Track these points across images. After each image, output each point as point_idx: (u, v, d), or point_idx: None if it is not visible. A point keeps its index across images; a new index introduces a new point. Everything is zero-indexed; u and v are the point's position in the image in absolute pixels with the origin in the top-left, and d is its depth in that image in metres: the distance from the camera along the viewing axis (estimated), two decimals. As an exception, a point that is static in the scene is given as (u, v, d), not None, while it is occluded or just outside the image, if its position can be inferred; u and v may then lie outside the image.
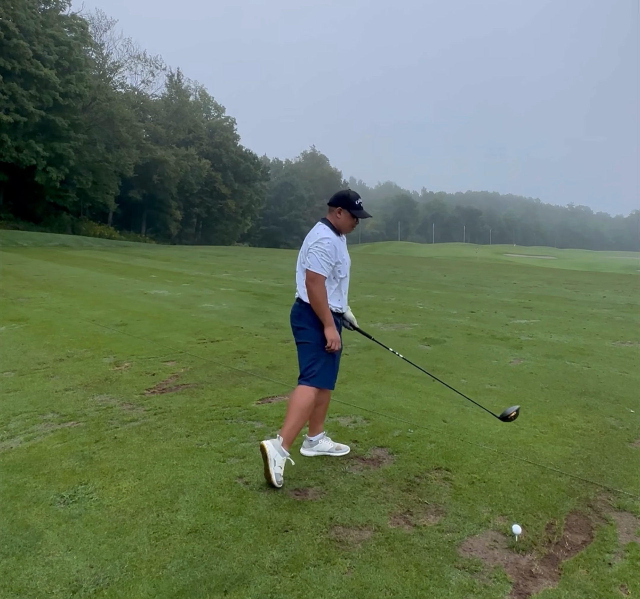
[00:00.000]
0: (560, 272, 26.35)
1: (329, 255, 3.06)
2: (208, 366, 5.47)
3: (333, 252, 3.08)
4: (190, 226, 59.47)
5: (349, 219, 3.14)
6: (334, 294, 3.20)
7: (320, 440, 3.38)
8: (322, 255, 3.05)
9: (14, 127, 30.87)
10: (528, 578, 2.26)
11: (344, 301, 3.29)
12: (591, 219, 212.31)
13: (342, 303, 3.27)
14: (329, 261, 3.06)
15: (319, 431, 3.40)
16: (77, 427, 3.77)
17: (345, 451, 3.39)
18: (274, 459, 2.88)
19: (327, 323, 3.09)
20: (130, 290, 11.33)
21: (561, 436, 3.82)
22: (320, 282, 3.06)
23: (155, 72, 49.41)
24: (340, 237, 3.20)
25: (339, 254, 3.13)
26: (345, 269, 3.23)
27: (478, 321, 8.73)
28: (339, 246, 3.14)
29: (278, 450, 2.91)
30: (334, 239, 3.11)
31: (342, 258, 3.16)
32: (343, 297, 3.28)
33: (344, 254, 3.21)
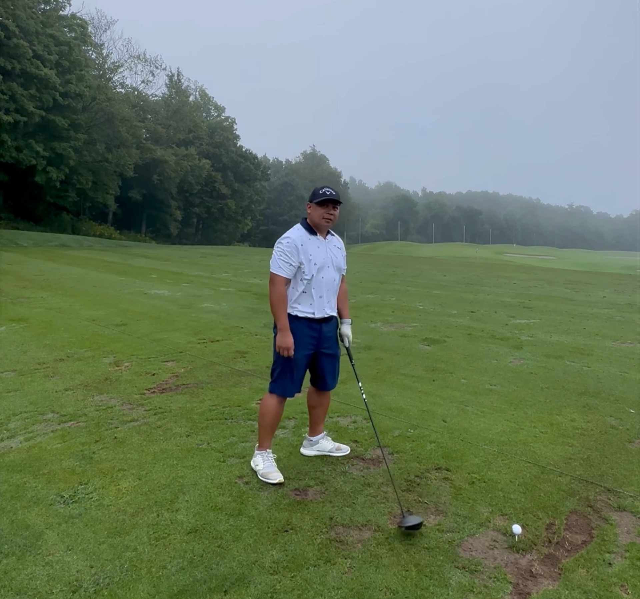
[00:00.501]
0: (560, 272, 26.35)
1: (289, 254, 2.93)
2: (208, 366, 5.47)
3: (294, 252, 2.94)
4: (190, 226, 59.47)
5: (316, 210, 2.98)
6: (302, 297, 3.02)
7: (320, 440, 3.38)
8: (280, 254, 2.95)
9: (14, 127, 30.86)
10: (528, 578, 2.26)
11: (320, 306, 3.04)
12: (591, 219, 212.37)
13: (318, 308, 3.04)
14: (288, 260, 2.94)
15: (319, 431, 3.39)
16: (77, 427, 3.77)
17: (345, 452, 3.38)
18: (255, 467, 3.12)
19: (279, 327, 2.97)
20: (130, 290, 11.33)
21: (561, 436, 3.82)
22: (277, 283, 2.96)
23: (155, 72, 49.39)
24: (316, 236, 3.04)
25: (302, 254, 2.96)
26: (312, 270, 2.99)
27: (478, 321, 8.73)
28: (305, 244, 2.98)
29: (254, 457, 3.17)
30: (297, 237, 2.98)
31: (307, 258, 2.98)
32: (318, 302, 3.04)
33: (314, 253, 3.00)
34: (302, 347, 3.04)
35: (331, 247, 3.12)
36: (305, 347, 3.06)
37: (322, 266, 3.03)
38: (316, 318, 3.05)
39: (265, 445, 3.14)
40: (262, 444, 3.14)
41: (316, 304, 3.04)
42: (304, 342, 3.04)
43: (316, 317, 3.05)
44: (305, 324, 3.04)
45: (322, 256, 3.04)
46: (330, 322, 3.17)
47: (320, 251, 3.04)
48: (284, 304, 2.99)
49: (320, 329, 3.09)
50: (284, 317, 2.98)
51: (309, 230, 3.04)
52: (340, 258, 3.17)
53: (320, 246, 3.05)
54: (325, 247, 3.08)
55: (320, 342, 3.11)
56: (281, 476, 3.01)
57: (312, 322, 3.05)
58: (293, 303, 3.04)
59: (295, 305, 3.04)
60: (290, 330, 3.00)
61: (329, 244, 3.12)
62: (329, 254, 3.08)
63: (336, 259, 3.13)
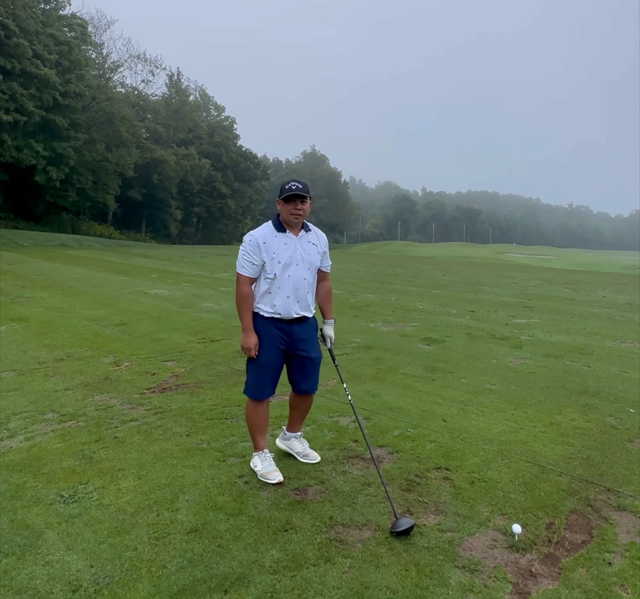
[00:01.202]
0: (560, 272, 26.34)
1: (251, 253, 2.88)
2: (208, 365, 5.47)
3: (256, 250, 2.87)
4: (190, 226, 59.48)
5: (284, 207, 2.86)
6: (266, 297, 2.93)
7: (292, 439, 3.34)
8: (243, 254, 2.91)
9: (14, 127, 30.87)
10: (528, 577, 2.26)
11: (286, 306, 2.92)
12: (591, 219, 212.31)
13: (283, 308, 2.92)
14: (250, 259, 2.89)
15: (295, 430, 3.36)
16: (77, 427, 3.77)
17: (313, 460, 3.25)
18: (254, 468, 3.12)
19: (242, 327, 2.94)
20: (130, 290, 11.33)
21: (561, 435, 3.82)
22: (241, 282, 2.93)
23: (155, 72, 49.49)
24: (285, 233, 2.92)
25: (265, 252, 2.87)
26: (275, 268, 2.88)
27: (478, 321, 8.73)
28: (269, 242, 2.88)
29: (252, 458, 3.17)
30: (261, 235, 2.90)
31: (269, 256, 2.87)
32: (284, 302, 2.92)
33: (279, 251, 2.88)
34: (272, 347, 2.95)
35: (304, 243, 2.97)
36: (275, 346, 2.96)
37: (287, 263, 2.90)
38: (283, 318, 2.95)
39: (260, 446, 3.12)
40: (257, 446, 3.13)
41: (281, 304, 2.92)
42: (274, 342, 2.95)
43: (283, 318, 2.95)
44: (272, 324, 2.95)
45: (288, 253, 2.90)
46: (303, 323, 3.02)
47: (287, 248, 2.91)
48: (247, 304, 2.95)
49: (290, 330, 2.97)
50: (246, 317, 2.94)
51: (278, 227, 2.93)
52: (315, 255, 3.01)
53: (288, 243, 2.92)
54: (295, 244, 2.94)
55: (292, 344, 3.00)
56: (281, 476, 3.00)
57: (279, 322, 2.95)
58: (258, 303, 2.97)
59: (260, 305, 2.96)
60: (257, 330, 2.94)
61: (301, 241, 2.97)
62: (299, 251, 2.94)
63: (308, 256, 2.97)
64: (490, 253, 62.44)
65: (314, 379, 3.15)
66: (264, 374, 2.99)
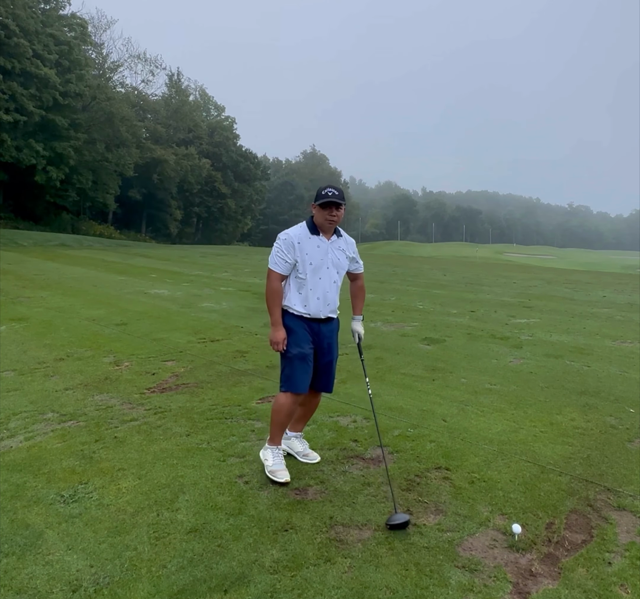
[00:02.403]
0: (560, 272, 26.34)
1: (285, 251, 2.94)
2: (208, 365, 5.47)
3: (290, 249, 2.94)
4: (190, 226, 59.44)
5: (320, 212, 2.95)
6: (297, 297, 3.01)
7: (293, 438, 3.34)
8: (277, 251, 2.97)
9: (14, 127, 30.85)
10: (528, 577, 2.26)
11: (316, 308, 3.01)
12: (591, 219, 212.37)
13: (314, 309, 3.01)
14: (283, 257, 2.95)
15: (297, 430, 3.36)
16: (77, 427, 3.77)
17: (313, 460, 3.27)
18: (264, 461, 3.13)
19: (271, 322, 3.00)
20: (130, 289, 11.33)
21: (561, 435, 3.82)
22: (273, 278, 2.98)
23: (155, 72, 49.56)
24: (319, 237, 3.00)
25: (298, 251, 2.95)
26: (306, 269, 2.97)
27: (478, 321, 8.73)
28: (303, 242, 2.96)
29: (264, 450, 3.19)
30: (296, 235, 2.97)
31: (302, 257, 2.96)
32: (315, 303, 3.01)
33: (311, 253, 2.97)
34: (306, 340, 3.02)
35: (334, 248, 3.06)
36: (308, 340, 3.03)
37: (319, 266, 3.00)
38: (312, 318, 3.04)
39: (277, 441, 3.14)
40: (274, 440, 3.13)
41: (312, 305, 3.01)
42: (306, 337, 3.03)
43: (312, 318, 3.04)
44: (303, 320, 3.03)
45: (320, 256, 3.00)
46: (329, 323, 3.13)
47: (319, 251, 3.00)
48: (278, 300, 3.00)
49: (319, 329, 3.07)
50: (277, 312, 2.99)
51: (312, 229, 3.01)
52: (344, 260, 3.12)
53: (320, 246, 3.01)
54: (327, 248, 3.03)
55: (319, 342, 3.08)
56: (288, 476, 3.00)
57: (309, 321, 3.04)
58: (289, 301, 3.03)
59: (290, 303, 3.03)
60: (289, 326, 3.01)
61: (332, 245, 3.06)
62: (330, 255, 3.04)
63: (338, 260, 3.07)
64: (490, 253, 62.44)
65: (333, 377, 3.25)
66: (302, 366, 3.02)
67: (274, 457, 3.09)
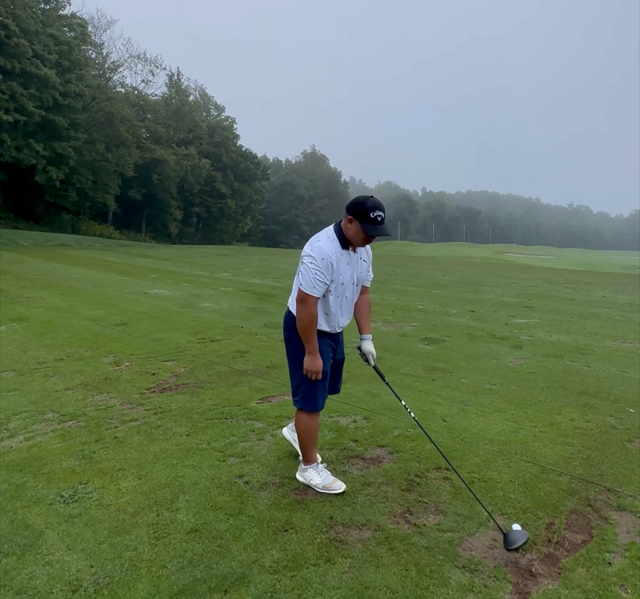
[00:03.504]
0: (560, 272, 26.34)
1: (325, 273, 2.67)
2: (208, 365, 5.47)
3: (329, 270, 2.68)
4: (190, 226, 59.45)
5: (359, 234, 2.68)
6: (321, 315, 2.85)
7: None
8: (315, 273, 2.66)
9: (14, 127, 30.84)
10: (528, 577, 2.26)
11: (336, 323, 2.93)
12: (591, 219, 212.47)
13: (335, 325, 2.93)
14: (323, 279, 2.68)
15: None
16: (77, 427, 3.77)
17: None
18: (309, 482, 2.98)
19: (308, 350, 2.78)
20: (130, 289, 11.33)
21: (561, 435, 3.82)
22: (311, 304, 2.71)
23: (155, 72, 49.57)
24: (348, 251, 2.79)
25: (335, 272, 2.72)
26: (338, 289, 2.81)
27: (478, 321, 8.73)
28: (338, 262, 2.73)
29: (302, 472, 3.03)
30: (333, 254, 2.71)
31: (337, 278, 2.76)
32: (336, 320, 2.92)
33: (344, 273, 2.79)
34: (328, 358, 2.94)
35: (358, 260, 2.90)
36: (329, 357, 2.97)
37: (347, 284, 2.86)
38: (327, 332, 2.95)
39: (313, 459, 3.03)
40: (310, 459, 3.01)
41: (337, 323, 2.94)
42: (328, 354, 2.95)
43: (327, 331, 2.94)
44: (325, 337, 2.94)
45: (349, 273, 2.83)
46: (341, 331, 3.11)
47: (349, 268, 2.82)
48: (315, 326, 2.77)
49: (337, 339, 3.05)
50: (314, 340, 2.77)
51: (343, 244, 2.76)
52: (365, 272, 2.97)
53: (350, 262, 2.82)
54: (354, 263, 2.86)
55: (336, 350, 3.07)
56: (344, 484, 2.95)
57: (331, 335, 2.98)
58: None
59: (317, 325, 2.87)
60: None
61: (357, 257, 2.89)
62: (356, 269, 2.88)
63: (360, 274, 2.93)
64: (490, 253, 62.44)
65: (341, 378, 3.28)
66: (322, 385, 2.95)
67: (319, 473, 2.98)
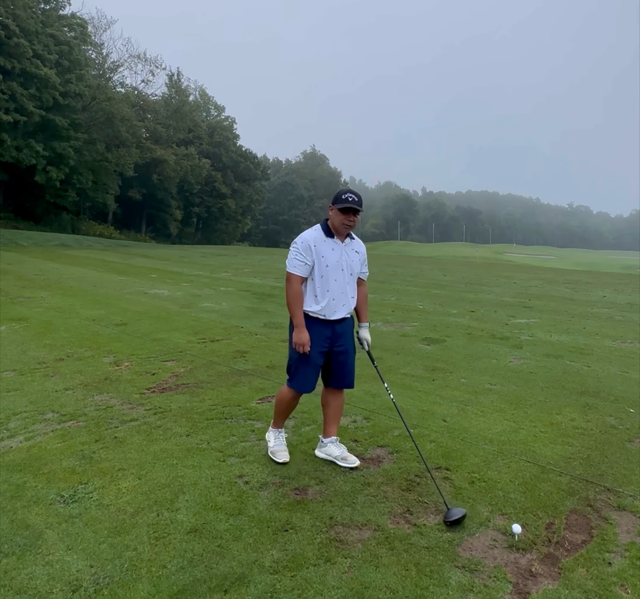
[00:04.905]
0: (560, 272, 26.34)
1: (303, 254, 3.03)
2: (208, 365, 5.47)
3: (307, 251, 3.03)
4: (190, 226, 59.43)
5: (337, 215, 3.03)
6: (313, 299, 3.09)
7: (329, 444, 3.31)
8: (295, 254, 3.04)
9: (14, 127, 30.85)
10: (528, 577, 2.26)
11: (330, 309, 3.09)
12: (591, 219, 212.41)
13: (328, 311, 3.09)
14: (303, 260, 3.03)
15: (330, 434, 3.33)
16: (77, 427, 3.77)
17: (351, 464, 3.20)
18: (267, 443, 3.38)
19: (295, 324, 3.05)
20: (130, 289, 11.33)
21: (561, 435, 3.82)
22: (293, 281, 3.05)
23: (155, 72, 49.47)
24: (333, 239, 3.08)
25: (315, 254, 3.03)
26: (322, 271, 3.05)
27: (478, 321, 8.73)
28: (319, 245, 3.05)
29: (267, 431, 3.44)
30: (312, 238, 3.05)
31: (319, 259, 3.04)
32: (330, 304, 3.09)
33: (327, 255, 3.05)
34: (317, 344, 3.09)
35: (348, 250, 3.16)
36: (320, 344, 3.11)
37: (334, 268, 3.08)
38: (327, 319, 3.11)
39: (279, 424, 3.37)
40: (277, 424, 3.37)
41: (327, 306, 3.10)
42: (319, 340, 3.10)
43: (327, 319, 3.10)
44: (318, 323, 3.10)
45: (335, 258, 3.08)
46: (344, 322, 3.20)
47: (334, 253, 3.08)
48: (300, 302, 3.06)
49: (333, 330, 3.15)
50: (299, 314, 3.05)
51: (327, 232, 3.10)
52: (357, 262, 3.20)
53: (335, 248, 3.09)
54: (341, 250, 3.11)
55: (333, 341, 3.17)
56: (287, 457, 3.23)
57: (323, 322, 3.11)
58: (305, 304, 3.10)
59: (306, 306, 3.10)
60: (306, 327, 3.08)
61: (346, 248, 3.15)
62: (344, 257, 3.12)
63: (352, 262, 3.16)
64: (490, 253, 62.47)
65: (353, 373, 3.32)
66: (309, 369, 3.13)
67: (275, 438, 3.33)
